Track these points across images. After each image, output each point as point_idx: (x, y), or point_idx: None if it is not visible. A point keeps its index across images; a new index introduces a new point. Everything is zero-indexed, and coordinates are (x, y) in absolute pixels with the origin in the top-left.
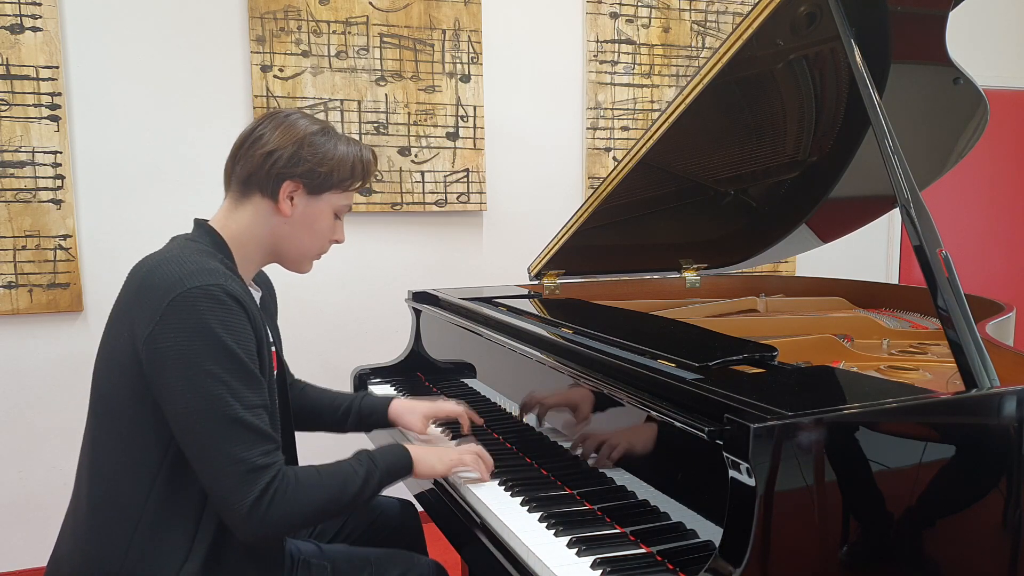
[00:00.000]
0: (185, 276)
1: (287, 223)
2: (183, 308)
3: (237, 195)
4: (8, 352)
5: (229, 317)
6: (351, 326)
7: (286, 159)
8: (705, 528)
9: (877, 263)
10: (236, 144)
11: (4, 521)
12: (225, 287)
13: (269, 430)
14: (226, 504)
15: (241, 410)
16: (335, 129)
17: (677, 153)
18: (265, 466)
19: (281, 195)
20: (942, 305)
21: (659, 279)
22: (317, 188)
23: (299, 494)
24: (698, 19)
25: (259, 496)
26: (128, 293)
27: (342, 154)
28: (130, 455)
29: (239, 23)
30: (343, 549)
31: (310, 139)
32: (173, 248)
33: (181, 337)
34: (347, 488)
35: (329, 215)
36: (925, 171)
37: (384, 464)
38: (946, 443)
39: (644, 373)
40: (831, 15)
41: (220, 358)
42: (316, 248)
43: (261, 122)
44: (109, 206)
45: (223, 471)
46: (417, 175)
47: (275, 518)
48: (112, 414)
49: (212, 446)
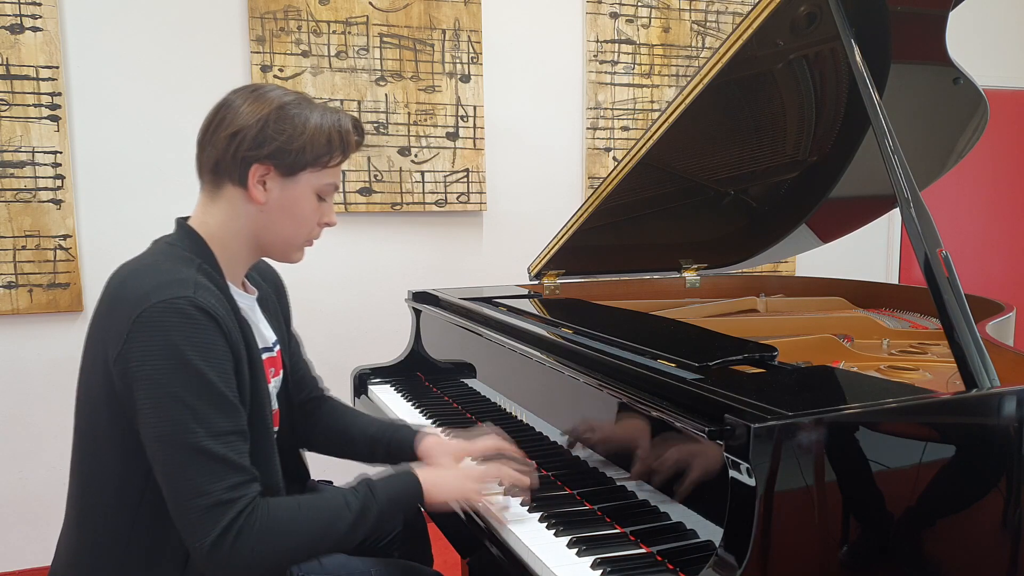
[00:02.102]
0: (152, 290)
1: (263, 212)
2: (149, 326)
3: (210, 187)
4: (8, 352)
5: (197, 334)
6: (351, 326)
7: (251, 139)
8: (705, 528)
9: (877, 263)
10: (202, 127)
11: (4, 521)
12: (194, 300)
13: (239, 460)
14: (188, 540)
15: (206, 438)
16: (310, 98)
17: (677, 153)
18: (230, 500)
19: (251, 181)
20: (942, 305)
21: (659, 279)
22: (291, 168)
23: (271, 531)
24: (698, 19)
25: (222, 533)
26: (103, 304)
27: (315, 126)
28: (112, 478)
29: (239, 23)
30: (343, 561)
31: (277, 113)
32: (149, 255)
33: (147, 358)
34: (333, 527)
35: (310, 197)
36: (925, 171)
37: (385, 496)
38: (946, 443)
39: (644, 373)
40: (831, 15)
41: (187, 381)
42: (302, 235)
43: (228, 98)
44: (109, 206)
45: (185, 504)
46: (417, 175)
47: (241, 558)
48: (93, 434)
49: (175, 476)
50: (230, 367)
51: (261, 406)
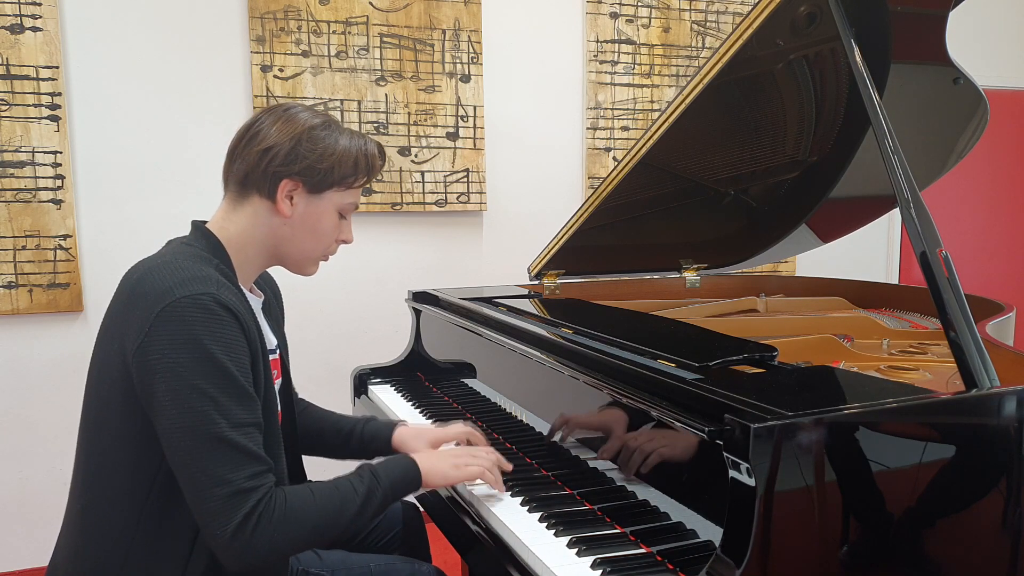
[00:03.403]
0: (175, 285)
1: (287, 224)
2: (172, 319)
3: (235, 195)
4: (8, 352)
5: (220, 329)
6: (351, 326)
7: (283, 156)
8: (705, 528)
9: (877, 263)
10: (233, 141)
11: (4, 521)
12: (217, 296)
13: (258, 451)
14: (208, 528)
15: (228, 429)
16: (338, 122)
17: (677, 153)
18: (250, 489)
19: (279, 195)
20: (942, 305)
21: (659, 279)
22: (318, 186)
23: (288, 519)
24: (698, 19)
25: (243, 521)
26: (119, 301)
27: (344, 149)
28: (121, 472)
29: (239, 23)
30: (343, 557)
31: (309, 133)
32: (167, 253)
33: (169, 350)
34: (345, 510)
35: (333, 215)
36: (925, 171)
37: (389, 480)
38: (946, 443)
39: (644, 373)
40: (831, 15)
41: (209, 373)
42: (320, 250)
43: (259, 117)
44: (109, 206)
45: (206, 493)
46: (417, 175)
47: (260, 545)
48: (103, 429)
49: (196, 465)
50: (248, 362)
51: (271, 404)
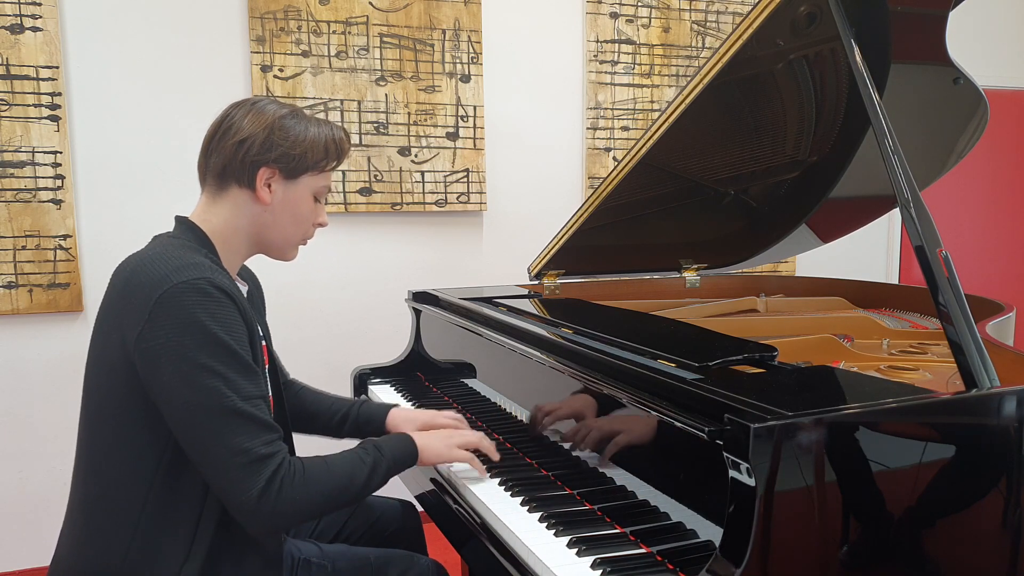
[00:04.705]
0: (171, 272)
1: (268, 211)
2: (171, 304)
3: (214, 189)
4: (8, 352)
5: (219, 309)
6: (351, 326)
7: (259, 145)
8: (705, 528)
9: (877, 263)
10: (207, 137)
11: (4, 521)
12: (212, 280)
13: (270, 420)
14: (233, 497)
15: (239, 401)
16: (303, 111)
17: (677, 153)
18: (269, 455)
19: (258, 183)
20: (942, 305)
21: (659, 279)
22: (294, 172)
23: (307, 483)
24: (698, 19)
25: (266, 485)
26: (113, 295)
27: (314, 135)
28: (125, 460)
29: (239, 23)
30: (343, 549)
31: (280, 123)
32: (155, 246)
33: (172, 333)
34: (355, 477)
35: (309, 198)
36: (925, 171)
37: (391, 453)
38: (946, 443)
39: (644, 373)
40: (831, 15)
41: (213, 350)
42: (300, 234)
43: (229, 112)
44: (109, 206)
45: (226, 464)
46: (417, 175)
47: (285, 507)
48: (105, 419)
49: (213, 440)
50: (247, 340)
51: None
